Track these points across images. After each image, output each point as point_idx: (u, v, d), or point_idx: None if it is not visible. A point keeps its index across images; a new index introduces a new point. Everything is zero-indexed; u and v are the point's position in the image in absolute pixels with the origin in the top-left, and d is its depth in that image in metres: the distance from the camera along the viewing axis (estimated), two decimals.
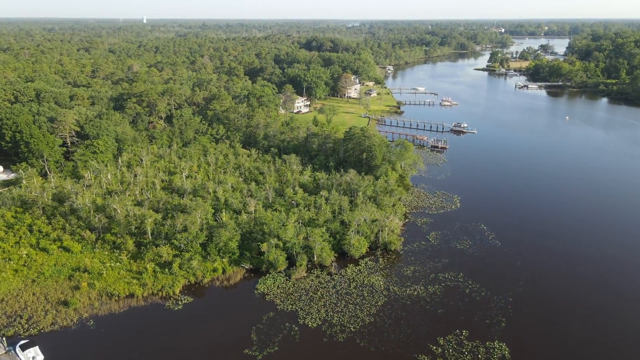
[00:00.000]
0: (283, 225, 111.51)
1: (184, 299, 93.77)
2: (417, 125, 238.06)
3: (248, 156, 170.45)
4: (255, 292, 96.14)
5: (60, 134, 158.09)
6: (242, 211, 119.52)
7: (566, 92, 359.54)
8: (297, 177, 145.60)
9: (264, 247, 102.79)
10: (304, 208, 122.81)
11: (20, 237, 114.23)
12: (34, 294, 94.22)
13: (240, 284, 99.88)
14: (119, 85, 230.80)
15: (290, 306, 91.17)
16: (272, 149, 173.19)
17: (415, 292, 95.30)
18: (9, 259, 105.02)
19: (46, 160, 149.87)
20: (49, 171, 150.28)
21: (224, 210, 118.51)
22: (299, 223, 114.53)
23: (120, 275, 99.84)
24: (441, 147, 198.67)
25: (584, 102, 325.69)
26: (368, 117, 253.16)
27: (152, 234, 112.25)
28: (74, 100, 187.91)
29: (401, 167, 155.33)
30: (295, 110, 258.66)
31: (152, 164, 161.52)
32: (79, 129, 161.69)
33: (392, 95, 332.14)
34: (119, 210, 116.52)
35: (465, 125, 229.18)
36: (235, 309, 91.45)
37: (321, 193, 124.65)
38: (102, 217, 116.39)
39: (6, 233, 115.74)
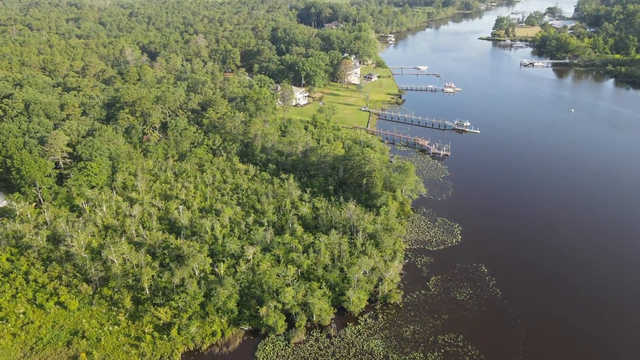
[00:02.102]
0: (283, 277, 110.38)
1: None
2: (419, 122, 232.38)
3: (245, 173, 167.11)
4: None
5: (52, 156, 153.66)
6: (241, 259, 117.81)
7: (572, 71, 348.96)
8: (297, 203, 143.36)
9: (263, 311, 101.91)
10: (303, 253, 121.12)
11: (16, 289, 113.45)
12: None
13: (240, 350, 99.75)
14: (110, 85, 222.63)
15: None
16: (270, 165, 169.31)
17: None
18: (7, 320, 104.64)
19: (39, 188, 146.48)
20: (42, 199, 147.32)
21: (222, 262, 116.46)
22: (297, 275, 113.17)
23: (118, 341, 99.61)
24: (443, 155, 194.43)
25: (590, 87, 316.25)
26: (368, 111, 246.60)
27: (149, 287, 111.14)
28: (65, 110, 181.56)
29: (402, 192, 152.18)
30: (293, 104, 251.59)
31: (147, 184, 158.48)
32: (71, 150, 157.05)
33: (393, 77, 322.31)
34: (115, 261, 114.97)
35: (468, 124, 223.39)
36: None
37: (320, 239, 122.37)
38: (98, 266, 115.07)
39: (2, 284, 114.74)
